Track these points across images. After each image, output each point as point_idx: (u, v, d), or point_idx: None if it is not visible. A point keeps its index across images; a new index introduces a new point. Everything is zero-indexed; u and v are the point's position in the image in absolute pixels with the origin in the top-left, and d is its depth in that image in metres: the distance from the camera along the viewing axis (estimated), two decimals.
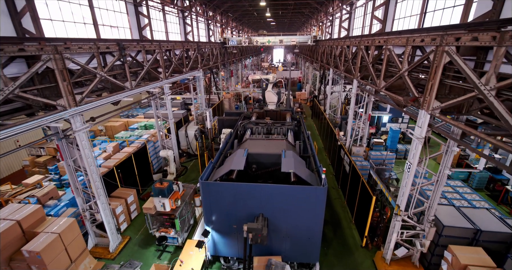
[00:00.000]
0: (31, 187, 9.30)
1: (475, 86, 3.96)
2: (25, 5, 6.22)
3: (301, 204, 6.03)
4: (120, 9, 11.08)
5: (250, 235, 5.87)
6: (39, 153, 12.95)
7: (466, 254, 6.10)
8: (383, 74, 7.62)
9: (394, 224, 6.63)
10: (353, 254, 8.08)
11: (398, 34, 6.80)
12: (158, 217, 8.14)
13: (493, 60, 3.70)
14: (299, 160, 7.11)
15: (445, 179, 6.08)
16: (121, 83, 8.22)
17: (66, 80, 6.11)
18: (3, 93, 4.81)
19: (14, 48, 4.99)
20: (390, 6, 10.71)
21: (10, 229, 6.67)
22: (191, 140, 15.08)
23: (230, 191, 6.19)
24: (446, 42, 4.67)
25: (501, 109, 3.53)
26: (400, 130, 14.65)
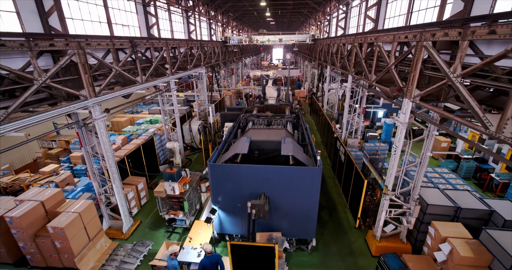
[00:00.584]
0: (48, 174, 9.97)
1: (445, 75, 4.66)
2: (52, 5, 6.92)
3: (299, 183, 6.73)
4: (131, 9, 11.77)
5: (254, 210, 6.58)
6: (50, 145, 13.61)
7: (447, 228, 6.82)
8: (374, 69, 8.33)
9: (383, 203, 7.34)
10: (347, 234, 8.80)
11: (387, 31, 7.51)
12: (168, 200, 8.83)
13: (458, 52, 4.41)
14: (297, 146, 7.82)
15: (427, 161, 6.80)
16: (133, 78, 8.90)
17: (87, 73, 6.80)
18: (38, 82, 5.49)
19: (46, 43, 5.67)
20: (381, 6, 11.43)
21: (35, 209, 7.37)
22: (195, 134, 15.78)
23: (235, 172, 6.89)
24: (424, 38, 5.38)
25: (464, 93, 4.23)
26: (394, 125, 15.35)
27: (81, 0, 8.62)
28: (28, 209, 7.18)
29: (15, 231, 7.17)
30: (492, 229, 6.40)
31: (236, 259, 6.01)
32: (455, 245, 6.26)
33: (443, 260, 6.55)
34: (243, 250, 5.89)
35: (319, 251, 8.06)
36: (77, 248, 7.43)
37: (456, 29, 4.46)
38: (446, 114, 4.99)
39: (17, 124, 5.06)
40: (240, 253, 5.95)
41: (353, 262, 7.65)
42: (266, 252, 5.79)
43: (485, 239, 6.30)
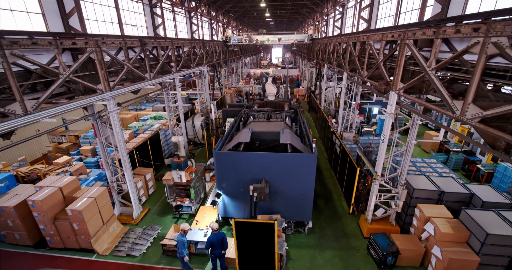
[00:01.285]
0: (61, 165, 10.62)
1: (423, 69, 5.34)
2: (73, 7, 7.60)
3: (296, 169, 7.41)
4: (139, 10, 12.44)
5: (255, 193, 7.26)
6: (60, 140, 14.26)
7: (431, 210, 7.51)
8: (366, 66, 9.02)
9: (374, 188, 8.03)
10: (341, 219, 9.48)
11: (377, 31, 8.20)
12: (175, 188, 9.50)
13: (433, 49, 5.09)
14: (295, 136, 8.51)
15: (412, 148, 7.49)
16: (142, 74, 9.57)
17: (103, 69, 7.46)
18: (62, 76, 6.15)
19: (69, 41, 6.34)
20: (374, 8, 12.12)
21: (54, 194, 8.03)
22: (197, 129, 16.44)
23: (238, 159, 7.57)
24: (406, 37, 6.06)
25: (437, 84, 4.91)
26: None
27: (95, 3, 9.29)
28: (48, 194, 7.84)
29: (37, 213, 7.83)
30: (471, 209, 7.10)
31: (240, 236, 6.68)
32: (437, 224, 6.96)
33: (427, 237, 7.25)
34: (246, 227, 6.56)
35: (315, 233, 8.74)
36: (93, 230, 8.09)
37: (431, 29, 5.15)
38: (424, 103, 5.68)
39: (48, 112, 5.73)
40: (243, 230, 6.61)
41: (346, 243, 8.33)
42: (266, 228, 6.46)
43: (464, 218, 6.99)
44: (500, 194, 7.80)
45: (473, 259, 6.35)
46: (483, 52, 3.83)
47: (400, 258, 7.26)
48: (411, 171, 9.71)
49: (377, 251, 7.35)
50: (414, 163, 10.43)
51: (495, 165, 11.20)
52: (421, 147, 15.44)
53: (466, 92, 4.17)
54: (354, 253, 7.94)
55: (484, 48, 3.81)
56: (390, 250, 7.09)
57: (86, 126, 17.51)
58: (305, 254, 7.92)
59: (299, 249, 8.09)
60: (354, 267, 7.47)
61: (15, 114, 5.11)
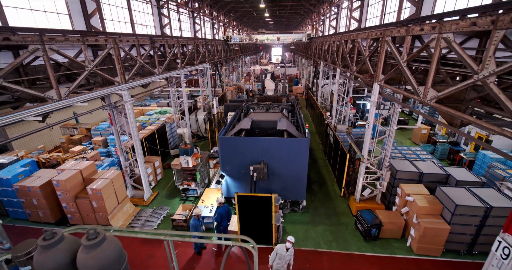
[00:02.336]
0: (77, 153, 11.57)
1: (397, 61, 6.29)
2: (95, 8, 8.54)
3: (291, 152, 8.36)
4: (148, 11, 13.38)
5: (255, 173, 8.21)
6: (72, 132, 15.21)
7: (411, 188, 8.45)
8: (355, 61, 9.97)
9: (361, 170, 8.98)
10: (333, 200, 10.43)
11: (364, 30, 9.15)
12: (182, 173, 10.45)
13: (404, 44, 6.04)
14: (291, 124, 9.46)
15: (394, 133, 8.44)
16: (151, 69, 10.52)
17: (120, 64, 8.41)
18: (88, 69, 7.10)
19: (93, 38, 7.28)
20: (364, 9, 13.08)
21: (76, 175, 8.97)
22: (200, 123, 17.39)
23: (240, 144, 8.51)
24: (386, 34, 7.01)
25: (408, 73, 5.85)
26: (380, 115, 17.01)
27: (111, 4, 10.25)
28: (70, 175, 8.79)
29: (60, 192, 8.78)
30: (445, 187, 8.05)
31: (242, 208, 7.64)
32: (416, 199, 7.91)
33: (406, 211, 8.21)
34: (247, 200, 7.52)
35: (309, 212, 9.70)
36: (110, 208, 9.04)
37: (404, 28, 6.10)
38: (398, 90, 6.63)
39: (77, 99, 6.68)
40: (244, 203, 7.57)
41: (337, 220, 9.29)
42: (265, 201, 7.43)
43: (439, 194, 7.94)
44: (473, 175, 8.75)
45: (444, 227, 7.31)
46: (438, 45, 4.78)
47: (383, 230, 8.22)
48: (397, 158, 10.66)
49: (363, 224, 8.30)
50: (400, 151, 11.39)
51: (476, 153, 12.16)
52: (411, 139, 16.40)
53: (426, 79, 5.13)
54: (343, 228, 8.89)
55: (438, 42, 4.76)
56: (374, 222, 8.04)
57: (96, 119, 18.45)
58: (300, 228, 8.87)
59: (294, 225, 9.05)
60: (343, 239, 8.42)
61: (52, 99, 6.06)
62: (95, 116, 18.36)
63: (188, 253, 7.94)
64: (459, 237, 7.47)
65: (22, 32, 5.21)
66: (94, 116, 18.19)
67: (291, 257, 6.21)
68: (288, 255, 6.11)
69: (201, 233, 3.53)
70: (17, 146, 13.93)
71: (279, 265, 6.19)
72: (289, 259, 6.16)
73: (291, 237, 6.18)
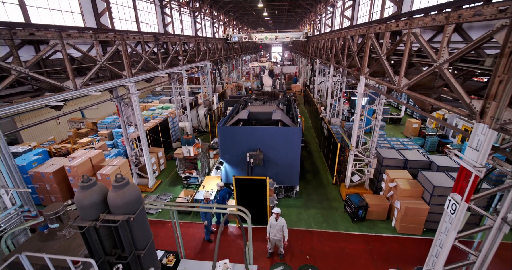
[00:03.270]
0: (85, 144, 12.29)
1: (379, 55, 6.98)
2: (104, 8, 9.27)
3: (285, 140, 9.05)
4: (151, 10, 14.10)
5: (251, 159, 8.92)
6: (79, 126, 15.94)
7: (396, 173, 9.14)
8: (346, 57, 10.66)
9: (350, 157, 9.67)
10: (325, 188, 11.13)
11: (353, 28, 9.84)
12: (184, 161, 11.16)
13: (384, 39, 6.74)
14: (285, 115, 10.15)
15: (380, 122, 9.13)
16: (155, 65, 11.23)
17: (127, 59, 9.12)
18: (99, 63, 7.81)
19: (104, 35, 8.00)
20: (355, 8, 13.76)
21: (86, 162, 9.70)
22: (201, 118, 18.11)
23: (238, 133, 9.22)
24: (370, 31, 7.70)
25: (387, 65, 6.54)
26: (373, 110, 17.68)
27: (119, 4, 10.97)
28: (81, 162, 9.52)
29: (72, 178, 9.51)
30: (426, 171, 8.74)
31: (239, 190, 8.35)
32: (398, 182, 8.60)
33: (391, 195, 8.91)
34: (244, 183, 8.23)
35: (303, 198, 10.40)
36: None
37: (384, 24, 6.79)
38: (381, 82, 7.32)
39: (89, 89, 7.40)
40: (241, 186, 8.28)
41: (328, 204, 9.99)
42: (260, 183, 8.13)
43: (420, 178, 8.63)
44: (454, 161, 9.43)
45: (424, 207, 8.00)
46: (409, 39, 5.47)
47: (369, 212, 8.91)
48: (386, 148, 11.34)
49: (351, 206, 9.00)
50: (389, 142, 12.08)
51: (461, 144, 12.84)
52: (404, 133, 17.08)
53: (400, 69, 5.82)
54: (333, 211, 9.59)
55: (409, 37, 5.45)
56: (360, 204, 8.74)
57: (102, 114, 19.18)
58: (293, 212, 9.58)
59: (288, 208, 9.75)
60: (333, 220, 9.12)
61: (69, 88, 6.77)
62: (101, 111, 19.10)
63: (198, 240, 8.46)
64: (438, 216, 8.06)
65: (45, 29, 5.92)
66: (100, 111, 18.93)
67: (284, 227, 6.92)
68: (278, 224, 6.85)
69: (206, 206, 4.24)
70: (27, 139, 14.66)
71: (273, 234, 6.96)
72: (280, 227, 6.89)
73: (276, 209, 7.00)
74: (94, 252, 3.06)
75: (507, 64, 3.12)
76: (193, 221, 9.27)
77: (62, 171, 9.63)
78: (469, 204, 3.91)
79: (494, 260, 7.33)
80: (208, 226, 8.17)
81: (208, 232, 8.34)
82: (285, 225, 6.93)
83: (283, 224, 6.90)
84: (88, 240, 3.00)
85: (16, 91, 6.59)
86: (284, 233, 6.97)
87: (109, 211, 3.03)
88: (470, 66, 4.19)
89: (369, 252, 7.77)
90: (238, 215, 5.27)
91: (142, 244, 3.26)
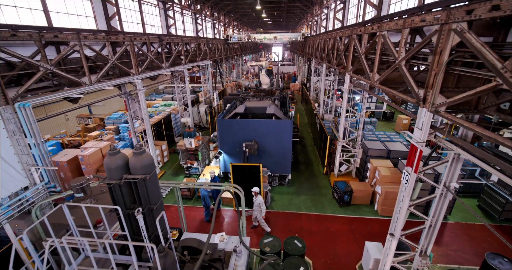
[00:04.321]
0: (95, 137, 13.24)
1: (359, 54, 7.86)
2: (114, 12, 10.21)
3: (277, 132, 9.95)
4: (156, 13, 15.06)
5: (247, 149, 9.83)
6: (87, 122, 16.92)
7: (379, 162, 10.03)
8: (335, 56, 11.55)
9: (338, 148, 10.56)
10: (317, 177, 12.03)
11: (341, 29, 10.73)
12: (186, 153, 12.09)
13: (363, 40, 7.62)
14: (279, 110, 11.06)
15: (364, 116, 10.01)
16: (160, 64, 12.17)
17: (134, 58, 10.06)
18: (110, 61, 8.74)
19: (114, 37, 8.93)
20: (345, 11, 14.64)
21: (96, 152, 10.65)
22: (202, 115, 19.05)
23: (235, 125, 10.13)
24: (353, 33, 8.59)
25: (365, 63, 7.42)
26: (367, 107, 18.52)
27: (127, 8, 11.93)
28: (93, 151, 10.47)
29: (84, 166, 10.45)
30: (405, 160, 9.60)
31: (236, 177, 9.26)
32: (380, 170, 9.49)
33: (375, 182, 9.79)
34: (240, 169, 9.14)
35: (295, 186, 11.30)
36: None
37: (363, 27, 7.68)
38: (362, 79, 8.21)
39: (103, 84, 8.33)
40: (238, 172, 9.20)
41: (318, 192, 10.88)
42: (254, 170, 9.04)
43: (400, 166, 9.53)
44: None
45: None
46: (380, 41, 6.36)
47: (354, 197, 9.80)
48: (372, 141, 12.21)
49: (337, 192, 9.90)
50: (377, 135, 12.94)
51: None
52: (395, 129, 17.93)
53: (373, 67, 6.72)
54: (322, 197, 10.49)
55: (380, 38, 6.34)
56: (346, 190, 9.63)
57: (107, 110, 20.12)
58: (285, 198, 10.48)
59: (281, 195, 10.66)
60: (321, 205, 10.02)
61: (85, 84, 7.71)
62: (107, 108, 20.05)
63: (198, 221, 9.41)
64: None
65: (66, 31, 6.85)
66: (106, 108, 19.87)
67: (261, 205, 8.08)
68: (256, 201, 8.06)
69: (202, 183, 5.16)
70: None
71: (254, 209, 8.17)
72: (257, 204, 8.04)
73: (255, 188, 8.21)
74: (118, 204, 3.98)
75: (438, 60, 4.02)
76: (195, 205, 10.20)
77: (75, 160, 10.57)
78: (417, 174, 4.81)
79: (464, 239, 8.28)
80: (207, 209, 9.10)
81: (208, 214, 9.24)
82: (262, 203, 8.03)
83: (260, 202, 7.97)
84: (114, 195, 3.92)
85: (39, 86, 7.53)
86: (262, 209, 8.00)
87: (130, 173, 3.95)
88: (419, 63, 5.08)
89: (352, 232, 8.67)
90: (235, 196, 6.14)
91: (154, 200, 4.19)
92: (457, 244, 8.10)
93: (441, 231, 8.69)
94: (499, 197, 8.92)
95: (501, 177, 3.48)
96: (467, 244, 8.07)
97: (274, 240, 6.92)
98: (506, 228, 8.70)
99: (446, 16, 3.75)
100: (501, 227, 8.75)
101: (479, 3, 3.17)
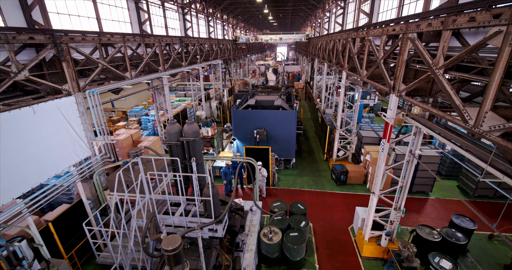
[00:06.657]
0: (122, 127, 15.02)
1: (353, 54, 9.46)
2: (146, 18, 11.96)
3: (283, 121, 11.60)
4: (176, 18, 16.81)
5: (258, 135, 11.50)
6: (111, 115, 18.74)
7: (371, 147, 11.61)
8: (335, 56, 13.17)
9: (336, 136, 12.18)
10: (317, 163, 13.66)
11: (340, 33, 12.34)
12: (203, 140, 13.79)
13: (355, 43, 9.22)
14: (285, 102, 12.71)
15: (358, 108, 11.61)
16: (180, 62, 13.89)
17: (161, 57, 11.76)
18: (144, 60, 10.45)
19: (147, 39, 10.64)
20: (344, 15, 16.21)
21: (128, 138, 12.39)
22: (213, 110, 20.77)
23: (247, 115, 11.80)
24: (349, 36, 10.20)
25: (357, 62, 9.03)
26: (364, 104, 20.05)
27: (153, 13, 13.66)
28: (125, 137, 12.22)
29: (118, 149, 12.21)
30: (397, 146, 11.18)
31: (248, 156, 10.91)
32: (372, 154, 11.08)
33: (367, 164, 11.39)
34: (252, 151, 10.81)
35: (299, 169, 12.94)
36: None
37: (355, 32, 9.30)
38: (355, 75, 9.82)
39: (141, 79, 10.06)
40: (250, 153, 10.86)
41: (318, 174, 12.50)
42: (264, 152, 10.71)
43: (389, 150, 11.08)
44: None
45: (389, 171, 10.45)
46: (367, 44, 7.96)
47: (350, 177, 11.40)
48: (366, 130, 13.79)
49: (335, 173, 11.51)
50: (372, 127, 14.52)
51: None
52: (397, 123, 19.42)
53: (363, 64, 8.33)
54: (322, 178, 12.11)
55: (367, 42, 7.93)
56: (342, 170, 11.25)
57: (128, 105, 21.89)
58: (290, 178, 12.13)
59: (286, 176, 12.31)
60: (321, 184, 11.65)
61: (127, 77, 9.44)
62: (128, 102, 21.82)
63: None
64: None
65: (116, 35, 8.58)
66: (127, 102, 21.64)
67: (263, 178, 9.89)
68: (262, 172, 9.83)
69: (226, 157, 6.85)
70: None
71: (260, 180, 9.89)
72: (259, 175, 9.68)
73: (259, 162, 9.96)
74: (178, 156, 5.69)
75: (401, 59, 5.63)
76: (215, 182, 11.89)
77: (110, 144, 12.31)
78: (390, 144, 6.43)
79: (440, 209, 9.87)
80: (229, 185, 10.78)
81: (227, 190, 10.95)
82: (264, 173, 10.06)
83: (263, 172, 9.82)
84: (173, 151, 5.63)
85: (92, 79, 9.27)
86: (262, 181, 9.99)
87: (183, 136, 5.65)
88: (392, 61, 6.69)
89: (346, 204, 10.29)
90: (250, 169, 7.76)
91: (199, 157, 5.88)
92: (435, 214, 9.69)
93: (422, 204, 10.29)
94: (472, 177, 10.47)
95: (450, 144, 5.05)
96: (443, 213, 9.65)
97: (281, 204, 8.59)
98: (478, 202, 10.25)
99: (406, 28, 5.37)
100: (474, 202, 10.30)
101: (422, 21, 4.80)
